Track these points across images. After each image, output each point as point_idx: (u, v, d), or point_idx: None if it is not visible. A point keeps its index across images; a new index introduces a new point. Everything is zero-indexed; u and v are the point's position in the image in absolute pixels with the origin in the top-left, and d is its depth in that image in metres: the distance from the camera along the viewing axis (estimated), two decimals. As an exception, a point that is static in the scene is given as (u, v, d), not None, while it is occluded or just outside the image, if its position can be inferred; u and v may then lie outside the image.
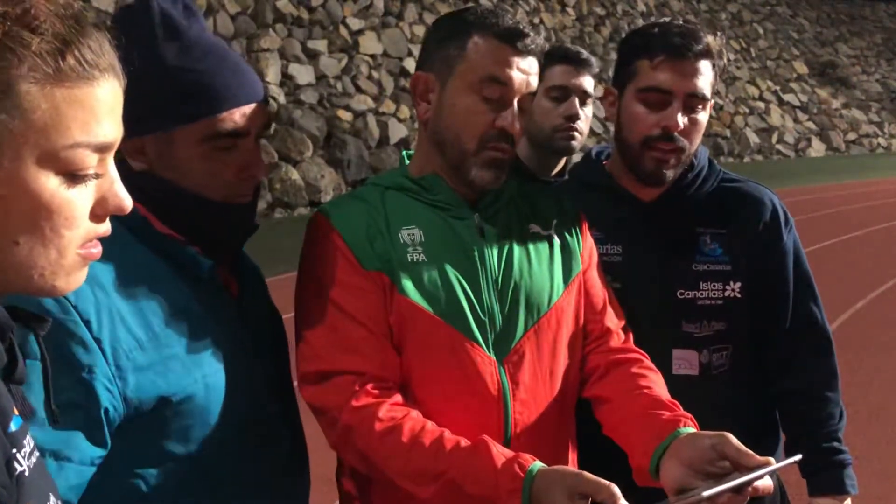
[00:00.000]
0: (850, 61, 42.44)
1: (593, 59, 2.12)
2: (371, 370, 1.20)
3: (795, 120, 33.47)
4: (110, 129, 0.67)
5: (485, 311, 1.26)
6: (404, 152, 1.43)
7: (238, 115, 1.08)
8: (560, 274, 1.34)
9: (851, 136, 35.75)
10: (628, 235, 1.53)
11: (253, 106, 1.10)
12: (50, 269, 0.65)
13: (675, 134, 1.45)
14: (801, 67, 38.45)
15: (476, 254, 1.27)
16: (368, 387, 1.18)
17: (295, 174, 14.77)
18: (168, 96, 1.04)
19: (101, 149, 0.66)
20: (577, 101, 2.02)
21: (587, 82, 2.07)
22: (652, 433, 1.15)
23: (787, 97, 33.53)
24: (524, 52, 1.24)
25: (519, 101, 1.26)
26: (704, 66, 1.46)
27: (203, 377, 1.07)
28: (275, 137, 14.91)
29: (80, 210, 0.66)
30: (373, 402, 1.17)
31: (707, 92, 1.48)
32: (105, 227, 0.69)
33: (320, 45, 17.39)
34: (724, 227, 1.55)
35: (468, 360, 1.24)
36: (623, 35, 2.18)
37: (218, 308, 1.14)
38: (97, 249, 0.69)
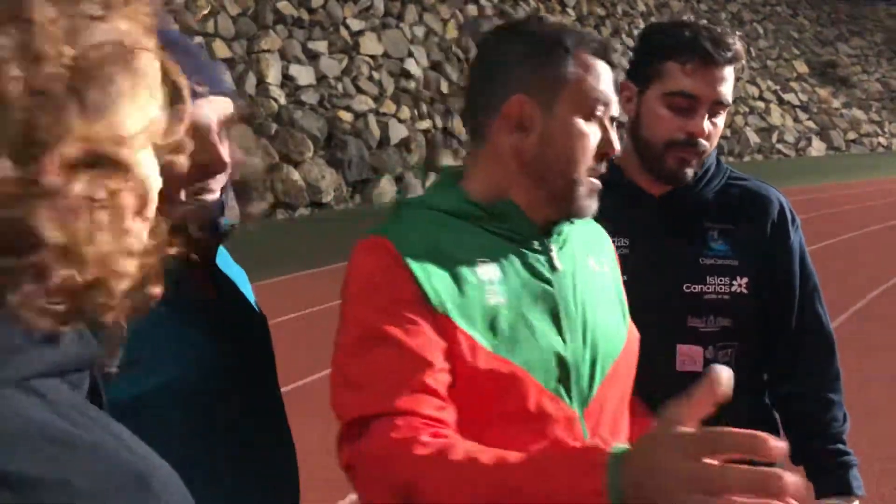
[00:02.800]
0: (850, 61, 42.41)
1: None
2: (428, 414, 1.03)
3: (796, 119, 33.47)
4: None
5: (568, 358, 1.12)
6: (446, 170, 1.28)
7: (196, 106, 1.03)
8: (619, 313, 1.25)
9: (852, 135, 35.72)
10: (636, 228, 1.53)
11: (221, 97, 1.08)
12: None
13: (700, 139, 1.47)
14: (802, 67, 38.43)
15: (555, 293, 1.14)
16: (415, 423, 1.00)
17: (296, 175, 14.79)
18: None
19: None
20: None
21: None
22: None
23: (788, 97, 33.52)
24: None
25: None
26: (730, 72, 1.48)
27: (163, 383, 1.01)
28: (276, 138, 14.93)
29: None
30: (413, 433, 0.99)
31: (730, 98, 1.50)
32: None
33: (321, 45, 17.41)
34: (732, 224, 1.56)
35: (547, 414, 1.10)
36: (626, 34, 2.18)
37: (187, 311, 1.08)
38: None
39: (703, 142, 1.48)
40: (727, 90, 1.48)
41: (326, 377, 4.65)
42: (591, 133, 1.15)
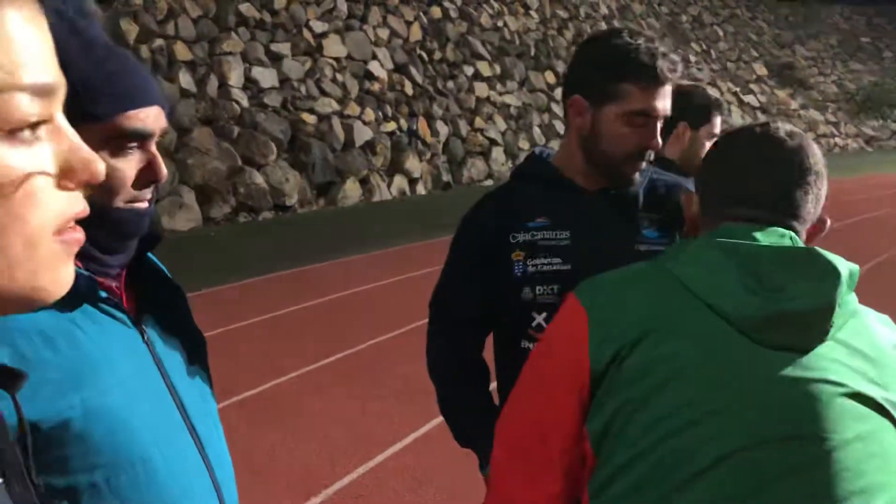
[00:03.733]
0: (807, 63, 43.23)
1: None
2: None
3: (755, 120, 34.00)
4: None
5: None
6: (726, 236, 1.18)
7: (143, 115, 1.04)
8: None
9: (810, 136, 36.23)
10: (575, 221, 1.63)
11: (156, 108, 1.07)
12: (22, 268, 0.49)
13: (651, 149, 1.61)
14: (761, 69, 39.09)
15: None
16: None
17: (259, 178, 14.68)
18: (69, 92, 0.99)
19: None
20: None
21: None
22: None
23: (748, 98, 34.09)
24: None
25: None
26: (671, 89, 1.61)
27: (82, 401, 0.97)
28: (238, 141, 14.81)
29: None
30: None
31: (670, 111, 1.63)
32: (81, 205, 0.54)
33: (284, 48, 17.31)
34: (660, 214, 1.67)
35: None
36: (581, 39, 2.31)
37: (107, 327, 1.05)
38: (80, 234, 0.54)
39: (652, 150, 1.62)
40: (669, 104, 1.61)
41: (287, 382, 4.70)
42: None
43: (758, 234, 1.10)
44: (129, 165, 1.04)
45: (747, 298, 1.04)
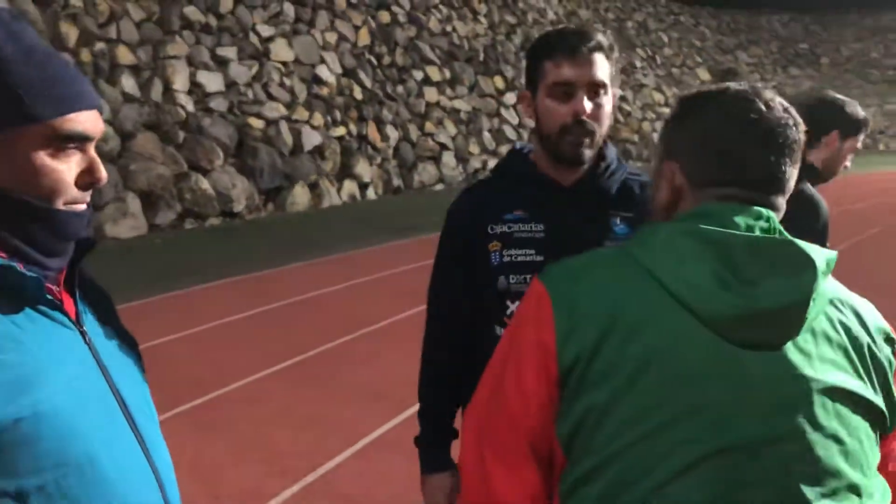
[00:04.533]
0: (749, 68, 44.36)
1: None
2: None
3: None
4: None
5: None
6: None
7: (83, 118, 1.06)
8: None
9: (751, 140, 37.27)
10: (550, 215, 1.70)
11: (95, 112, 1.09)
12: None
13: (585, 119, 1.64)
14: (704, 74, 39.99)
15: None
16: None
17: (205, 183, 14.46)
18: (11, 95, 1.00)
19: None
20: None
21: None
22: None
23: (691, 103, 34.81)
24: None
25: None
26: (598, 58, 1.65)
27: (32, 404, 0.97)
28: (183, 146, 14.57)
29: None
30: None
31: (605, 79, 1.66)
32: None
33: (230, 52, 17.10)
34: (632, 212, 1.73)
35: None
36: (529, 44, 2.39)
37: (50, 329, 1.06)
38: None
39: (589, 121, 1.65)
40: (599, 73, 1.65)
41: (235, 390, 4.62)
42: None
43: (736, 218, 1.06)
44: (69, 167, 1.07)
45: (718, 294, 1.00)
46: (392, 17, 23.04)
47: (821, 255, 1.04)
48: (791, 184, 1.11)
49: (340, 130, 18.55)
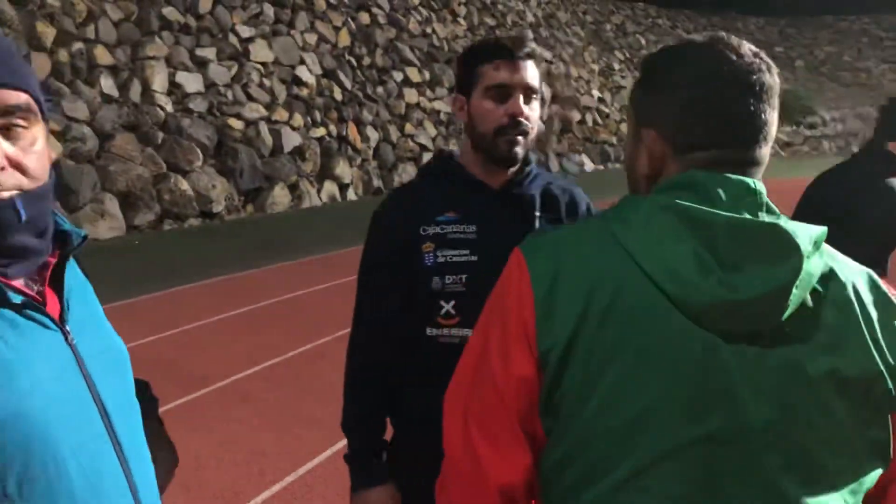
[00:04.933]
0: (725, 71, 44.63)
1: None
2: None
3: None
4: None
5: None
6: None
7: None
8: None
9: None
10: (481, 216, 1.76)
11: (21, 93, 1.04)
12: None
13: (521, 119, 1.72)
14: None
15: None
16: None
17: (184, 184, 14.40)
18: None
19: None
20: None
21: None
22: None
23: (669, 105, 35.03)
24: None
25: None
26: (531, 65, 1.75)
27: (13, 404, 0.96)
28: (162, 147, 14.50)
29: None
30: None
31: (537, 85, 1.76)
32: None
33: (209, 52, 17.03)
34: (555, 213, 1.83)
35: None
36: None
37: (27, 331, 1.03)
38: None
39: (524, 121, 1.73)
40: (532, 78, 1.74)
41: (215, 391, 4.65)
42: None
43: (721, 191, 1.00)
44: None
45: (696, 283, 0.96)
46: (372, 18, 23.04)
47: (806, 236, 0.99)
48: (773, 130, 1.06)
49: (320, 131, 18.54)
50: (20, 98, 1.03)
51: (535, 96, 1.76)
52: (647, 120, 1.09)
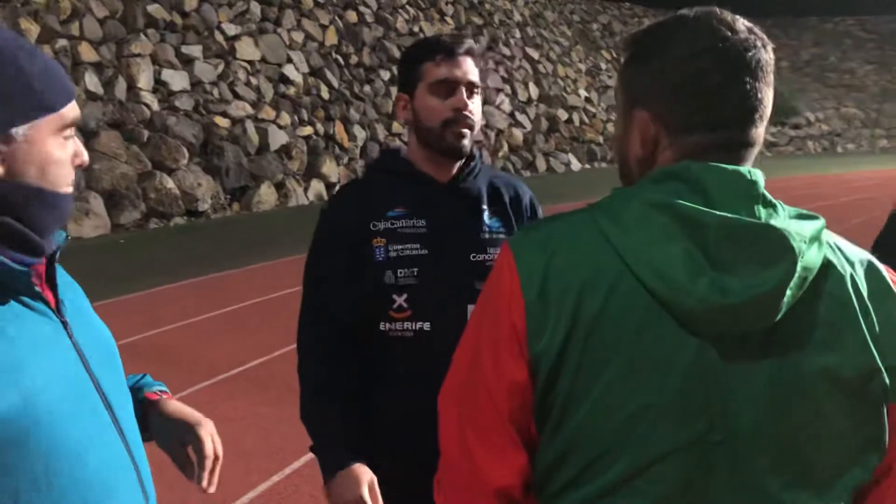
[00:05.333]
0: (711, 71, 44.89)
1: None
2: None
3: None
4: None
5: None
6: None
7: (75, 104, 1.12)
8: None
9: (714, 141, 37.82)
10: (430, 210, 1.80)
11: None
12: None
13: (465, 112, 1.78)
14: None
15: None
16: None
17: (170, 182, 14.33)
18: (25, 88, 1.04)
19: None
20: None
21: None
22: None
23: (655, 105, 35.16)
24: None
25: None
26: (471, 61, 1.82)
27: (24, 397, 0.98)
28: (148, 145, 14.42)
29: None
30: None
31: (477, 80, 1.83)
32: None
33: (195, 50, 16.96)
34: (500, 206, 1.88)
35: None
36: (495, 44, 2.51)
37: (34, 321, 1.07)
38: None
39: (469, 114, 1.79)
40: (473, 74, 1.82)
41: (200, 391, 4.63)
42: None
43: (716, 184, 0.97)
44: (69, 153, 1.11)
45: (686, 286, 0.94)
46: (359, 16, 23.01)
47: (800, 234, 0.96)
48: (769, 109, 1.03)
49: (307, 130, 18.50)
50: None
51: (476, 91, 1.83)
52: (639, 100, 1.04)
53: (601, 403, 0.97)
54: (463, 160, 1.84)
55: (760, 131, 1.03)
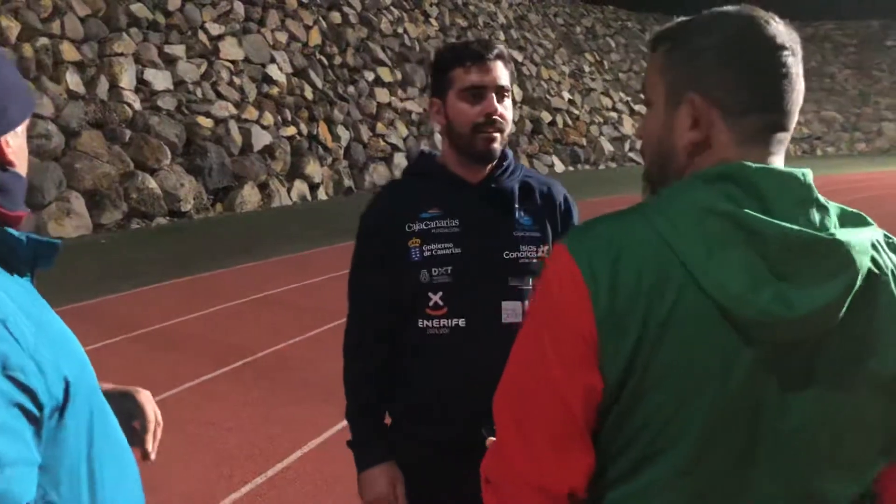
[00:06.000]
0: (693, 75, 45.17)
1: None
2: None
3: (646, 129, 35.39)
4: None
5: None
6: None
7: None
8: None
9: (696, 144, 38.07)
10: (463, 211, 1.86)
11: None
12: None
13: (496, 117, 1.82)
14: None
15: None
16: None
17: (152, 182, 14.24)
18: (20, 93, 1.11)
19: None
20: None
21: None
22: None
23: (638, 107, 35.36)
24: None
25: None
26: (501, 65, 1.85)
27: (86, 373, 1.06)
28: (130, 144, 14.33)
29: None
30: None
31: (508, 84, 1.87)
32: None
33: (178, 50, 16.86)
34: (533, 205, 1.92)
35: None
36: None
37: (39, 299, 1.10)
38: None
39: (499, 119, 1.83)
40: (503, 78, 1.85)
41: (183, 392, 4.60)
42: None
43: (774, 191, 0.98)
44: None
45: (750, 295, 0.94)
46: (343, 17, 22.97)
47: (863, 246, 0.98)
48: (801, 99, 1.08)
49: (291, 130, 18.44)
50: None
51: (507, 94, 1.86)
52: (690, 85, 1.04)
53: (662, 405, 0.99)
54: (495, 161, 1.89)
55: (795, 119, 1.06)
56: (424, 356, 1.84)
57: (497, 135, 1.83)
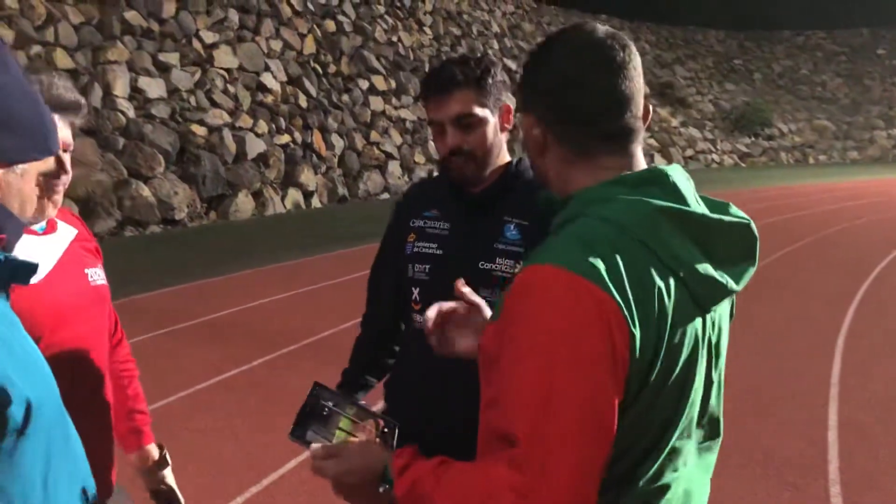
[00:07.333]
0: (686, 82, 45.40)
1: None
2: None
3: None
4: None
5: None
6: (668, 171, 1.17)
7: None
8: None
9: (689, 152, 38.22)
10: (455, 216, 1.93)
11: None
12: None
13: (459, 149, 1.83)
14: (643, 87, 40.66)
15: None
16: None
17: (146, 190, 14.21)
18: (43, 128, 1.06)
19: None
20: None
21: None
22: None
23: (632, 116, 35.44)
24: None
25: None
26: (458, 93, 1.82)
27: (39, 382, 1.02)
28: (124, 152, 14.30)
29: None
30: None
31: (469, 109, 1.82)
32: None
33: (172, 57, 16.86)
34: (528, 220, 1.89)
35: None
36: (477, 54, 2.57)
37: (10, 316, 1.07)
38: None
39: (465, 148, 1.84)
40: (459, 107, 1.82)
41: (177, 401, 4.58)
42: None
43: (681, 187, 1.13)
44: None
45: (715, 278, 1.10)
46: (338, 25, 23.01)
47: (751, 221, 1.18)
48: (636, 101, 1.20)
49: (285, 138, 18.44)
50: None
51: (470, 119, 1.83)
52: (526, 107, 1.21)
53: (646, 411, 1.08)
54: (483, 182, 1.91)
55: (635, 123, 1.16)
56: (408, 345, 2.00)
57: (465, 164, 1.85)
